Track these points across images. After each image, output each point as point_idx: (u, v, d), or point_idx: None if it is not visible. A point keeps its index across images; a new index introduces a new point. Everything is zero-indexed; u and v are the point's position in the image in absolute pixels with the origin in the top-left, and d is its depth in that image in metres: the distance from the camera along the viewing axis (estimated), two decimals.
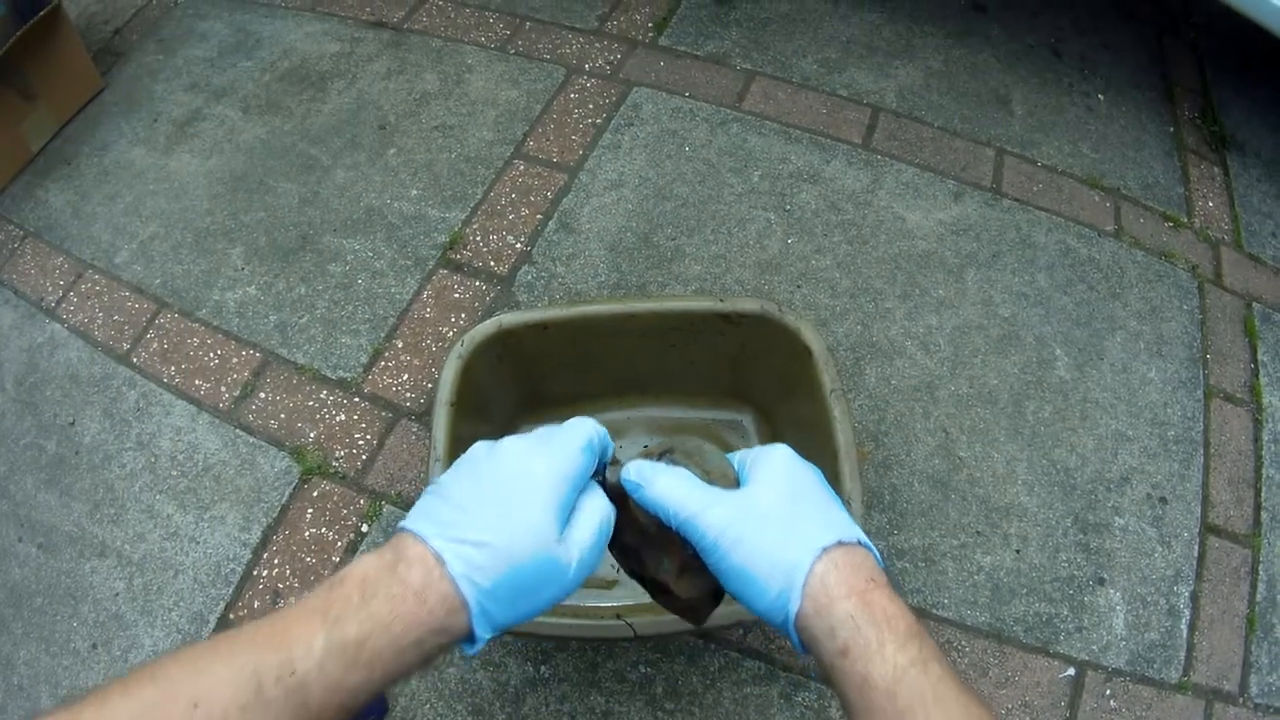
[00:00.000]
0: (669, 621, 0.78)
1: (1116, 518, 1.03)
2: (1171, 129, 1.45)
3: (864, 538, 0.45)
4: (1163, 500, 1.05)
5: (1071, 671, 0.93)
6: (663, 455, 0.51)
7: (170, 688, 0.35)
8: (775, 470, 0.48)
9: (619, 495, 0.50)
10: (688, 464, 0.50)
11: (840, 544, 0.43)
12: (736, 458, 0.51)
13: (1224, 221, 1.34)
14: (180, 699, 0.35)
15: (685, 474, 0.48)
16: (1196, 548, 1.02)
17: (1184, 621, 0.97)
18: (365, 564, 0.40)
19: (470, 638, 0.41)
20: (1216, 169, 1.42)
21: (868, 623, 0.40)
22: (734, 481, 0.50)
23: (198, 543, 1.02)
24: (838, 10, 1.54)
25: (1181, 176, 1.39)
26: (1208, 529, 1.04)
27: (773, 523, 0.44)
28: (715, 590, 0.50)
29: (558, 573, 0.43)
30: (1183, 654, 0.95)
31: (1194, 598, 0.99)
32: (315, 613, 0.39)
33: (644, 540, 0.51)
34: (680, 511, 0.45)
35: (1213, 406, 1.13)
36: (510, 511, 0.42)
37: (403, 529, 0.42)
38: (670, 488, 0.46)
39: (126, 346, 1.19)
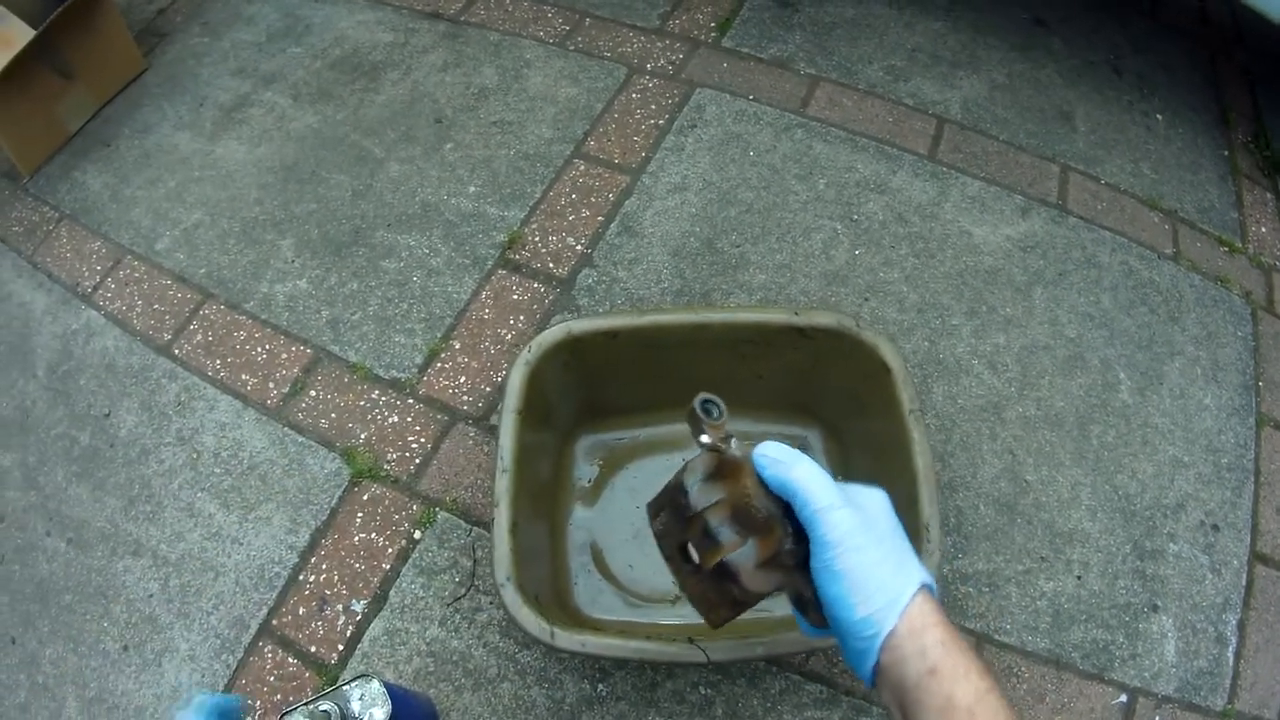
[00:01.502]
0: (743, 646, 0.77)
1: (1171, 544, 1.03)
2: (1225, 152, 1.45)
3: (934, 584, 0.50)
4: (1215, 528, 1.05)
5: (1124, 698, 0.94)
6: None
7: None
8: (883, 505, 0.52)
9: (730, 468, 0.51)
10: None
11: (927, 585, 0.49)
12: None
13: (1276, 248, 1.35)
14: None
15: (820, 466, 0.49)
16: (1245, 576, 1.03)
17: (1230, 649, 0.98)
18: None
19: None
20: (1269, 195, 1.43)
21: (956, 650, 0.46)
22: None
23: (241, 544, 1.01)
24: (902, 17, 1.53)
25: (1235, 201, 1.40)
26: (1256, 557, 1.04)
27: (888, 546, 0.49)
28: (775, 592, 0.51)
29: None
30: (1228, 681, 0.96)
31: (1241, 626, 1.00)
32: None
33: (739, 520, 0.50)
34: (815, 502, 0.48)
35: (1264, 435, 1.14)
36: None
37: None
38: (812, 476, 0.49)
39: (168, 337, 1.17)
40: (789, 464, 0.49)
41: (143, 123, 1.41)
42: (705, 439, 0.51)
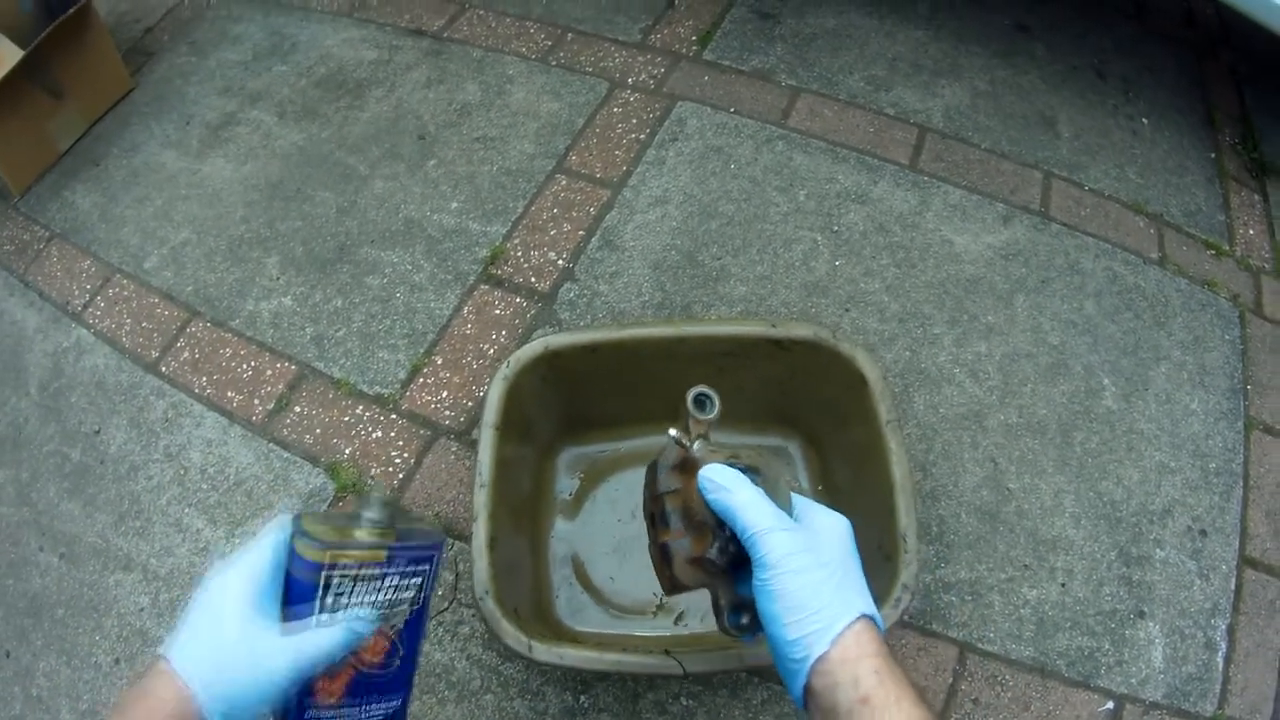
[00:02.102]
0: (721, 658, 0.78)
1: (1158, 550, 1.05)
2: (1212, 155, 1.47)
3: (880, 618, 0.52)
4: (1203, 533, 1.07)
5: (1110, 705, 0.95)
6: (746, 469, 0.55)
7: None
8: (839, 533, 0.54)
9: (690, 466, 0.55)
10: (757, 481, 0.54)
11: (868, 617, 0.51)
12: (799, 502, 0.56)
13: (1264, 250, 1.37)
14: None
15: (762, 493, 0.53)
16: (1234, 581, 1.04)
17: (1220, 654, 0.99)
18: (126, 693, 0.50)
19: None
20: (1257, 196, 1.44)
21: (889, 679, 0.48)
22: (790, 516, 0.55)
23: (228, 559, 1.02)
24: (883, 26, 1.56)
25: (1223, 204, 1.41)
26: (1245, 561, 1.06)
27: (829, 572, 0.51)
28: (699, 586, 0.57)
29: (266, 653, 0.50)
30: (1218, 687, 0.97)
31: (1230, 631, 1.01)
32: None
33: (684, 516, 0.56)
34: (753, 526, 0.51)
35: (1253, 438, 1.15)
36: (219, 621, 0.50)
37: (163, 658, 0.50)
38: (750, 503, 0.52)
39: (155, 354, 1.20)
40: (730, 490, 0.53)
41: (131, 141, 1.45)
42: (673, 432, 0.57)
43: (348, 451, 1.09)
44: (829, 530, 0.54)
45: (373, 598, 0.55)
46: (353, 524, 0.56)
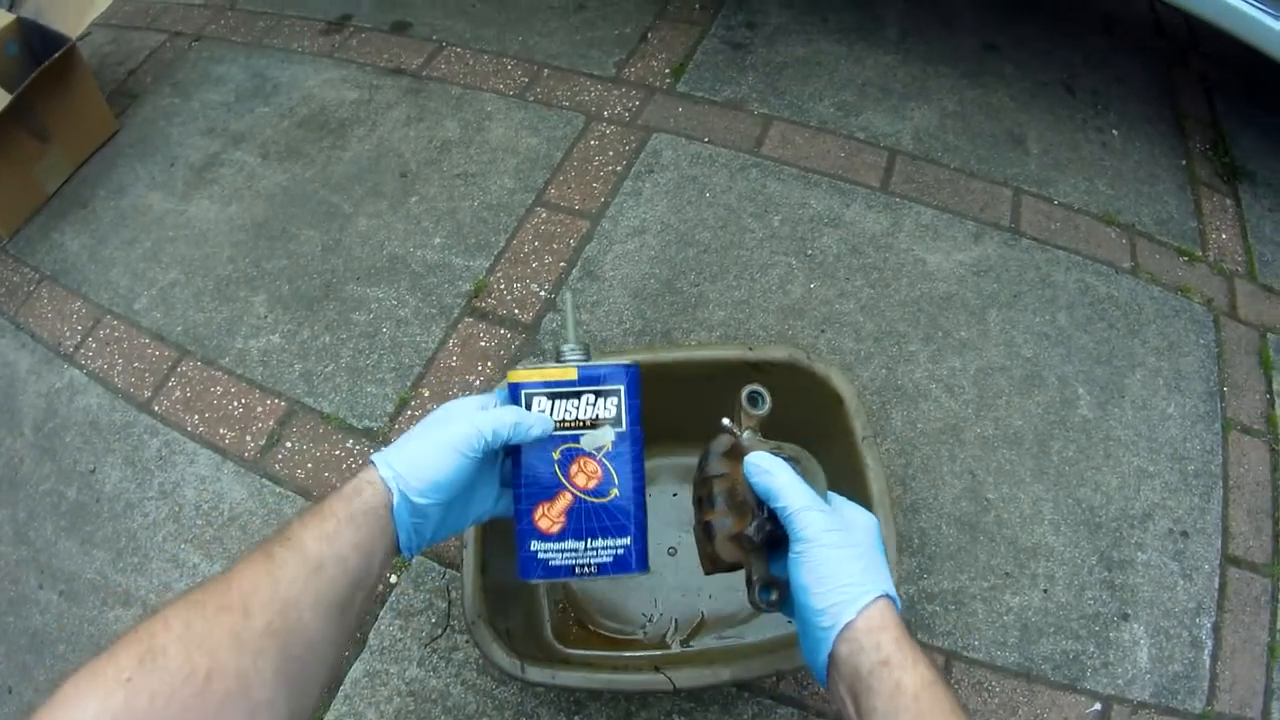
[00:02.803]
0: (710, 673, 0.83)
1: (1139, 553, 1.09)
2: (1184, 162, 1.53)
3: (899, 602, 0.58)
4: (1184, 534, 1.11)
5: (1098, 706, 0.98)
6: (788, 459, 0.62)
7: (216, 581, 0.49)
8: (868, 524, 0.61)
9: (738, 453, 0.64)
10: (796, 469, 0.62)
11: (891, 597, 0.57)
12: (833, 497, 0.64)
13: (1237, 253, 1.42)
14: (222, 583, 0.49)
15: (801, 478, 0.60)
16: (1217, 579, 1.08)
17: (1206, 652, 1.03)
18: (351, 488, 0.58)
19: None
20: (1229, 201, 1.50)
21: (907, 646, 0.53)
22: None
23: None
24: (852, 53, 1.63)
25: (1194, 210, 1.47)
26: (1228, 560, 1.10)
27: (859, 551, 0.57)
28: (737, 565, 0.64)
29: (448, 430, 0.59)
30: (1206, 684, 1.01)
31: (1216, 628, 1.04)
32: (314, 524, 0.55)
33: (728, 497, 0.64)
34: (792, 504, 0.58)
35: (1231, 439, 1.20)
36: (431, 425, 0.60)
37: (374, 462, 0.59)
38: (791, 484, 0.59)
39: (148, 394, 1.24)
40: (773, 473, 0.60)
41: (117, 183, 1.50)
42: (726, 421, 0.66)
43: (338, 485, 1.13)
44: (859, 519, 0.61)
45: (571, 415, 0.64)
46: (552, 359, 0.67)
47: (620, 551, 0.65)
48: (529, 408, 0.63)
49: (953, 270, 1.32)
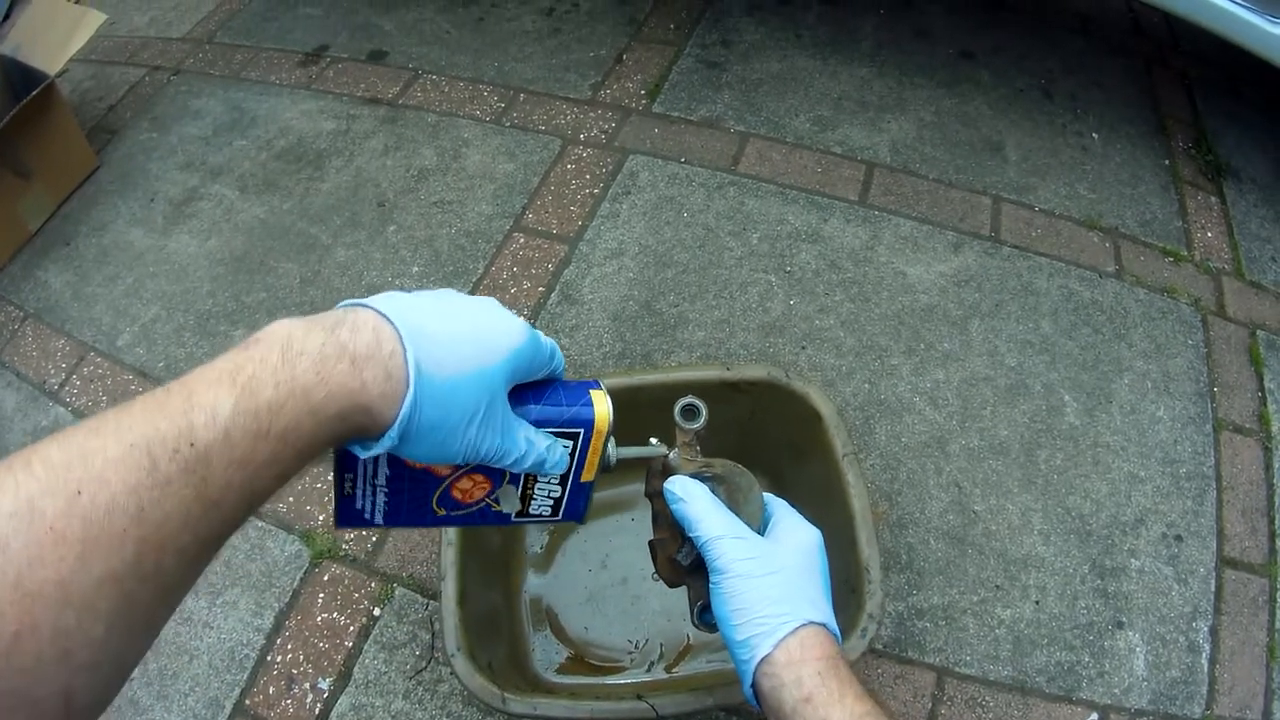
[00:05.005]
0: (693, 699, 0.84)
1: (1133, 560, 1.10)
2: (1166, 162, 1.56)
3: (836, 629, 0.56)
4: (1178, 538, 1.12)
5: (1094, 716, 1.00)
6: (710, 479, 0.62)
7: (50, 475, 0.32)
8: (801, 541, 0.60)
9: (668, 472, 0.62)
10: (719, 491, 0.61)
11: (819, 624, 0.55)
12: (777, 510, 0.63)
13: (1224, 251, 1.44)
14: (61, 488, 0.32)
15: (719, 502, 0.60)
16: (1213, 582, 1.09)
17: (1204, 656, 1.04)
18: (288, 324, 0.39)
19: (382, 436, 0.41)
20: (1213, 198, 1.52)
21: (832, 678, 0.52)
22: (757, 526, 0.62)
23: (211, 628, 1.09)
24: (827, 67, 1.66)
25: (1179, 209, 1.49)
26: (1224, 562, 1.11)
27: (779, 579, 0.56)
28: (681, 583, 0.64)
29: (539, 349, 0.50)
30: (1205, 688, 1.02)
31: (1213, 631, 1.06)
32: (224, 375, 0.36)
33: (665, 518, 0.63)
34: (703, 534, 0.57)
35: (1223, 439, 1.22)
36: (478, 316, 0.46)
37: (359, 304, 0.41)
38: (703, 511, 0.58)
39: None
40: (686, 501, 0.59)
41: (99, 220, 1.54)
42: (653, 440, 0.63)
43: (321, 518, 1.15)
44: (792, 541, 0.59)
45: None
46: None
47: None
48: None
49: (934, 281, 1.35)
